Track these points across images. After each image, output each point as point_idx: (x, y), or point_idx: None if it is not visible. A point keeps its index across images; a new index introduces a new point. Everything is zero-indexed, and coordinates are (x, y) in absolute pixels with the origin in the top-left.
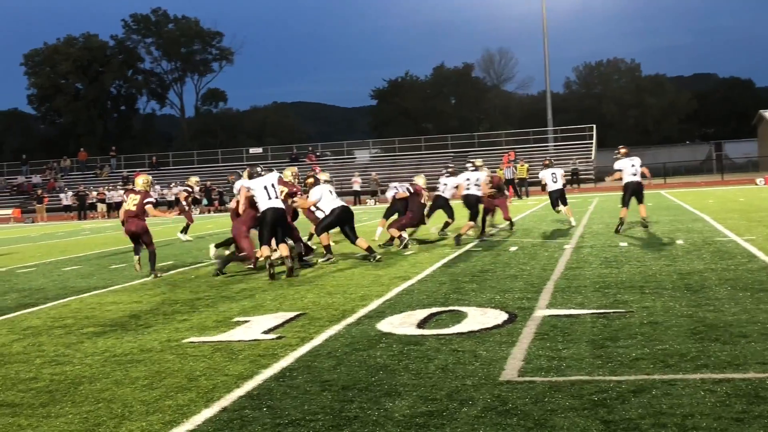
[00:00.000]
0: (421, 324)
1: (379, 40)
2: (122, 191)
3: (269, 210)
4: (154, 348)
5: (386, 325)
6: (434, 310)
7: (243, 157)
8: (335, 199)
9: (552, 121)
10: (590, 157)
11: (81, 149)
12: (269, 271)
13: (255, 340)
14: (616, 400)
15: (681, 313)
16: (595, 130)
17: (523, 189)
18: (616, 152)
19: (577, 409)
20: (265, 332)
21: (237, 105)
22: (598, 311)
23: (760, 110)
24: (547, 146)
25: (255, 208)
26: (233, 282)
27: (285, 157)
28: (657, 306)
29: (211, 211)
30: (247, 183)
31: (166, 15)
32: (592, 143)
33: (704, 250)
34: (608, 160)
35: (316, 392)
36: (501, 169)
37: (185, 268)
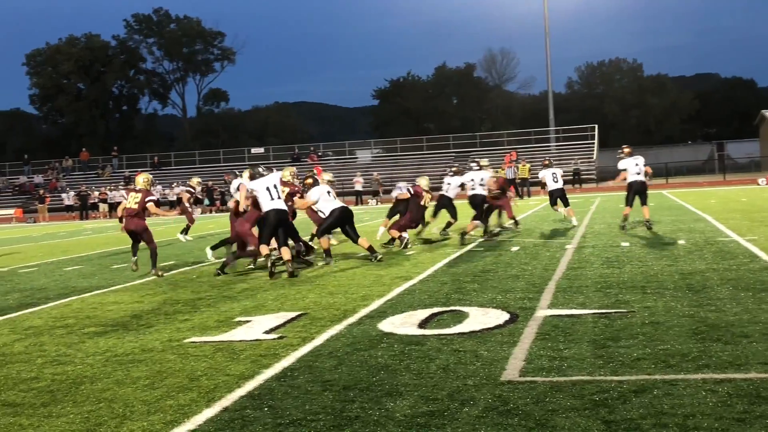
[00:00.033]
0: (423, 324)
1: (380, 40)
2: (123, 191)
3: (272, 211)
4: (156, 348)
5: (387, 325)
6: (436, 310)
7: (245, 157)
8: (334, 200)
9: (554, 121)
10: (592, 158)
11: (83, 149)
12: (270, 269)
13: (256, 339)
14: (618, 400)
15: (682, 313)
16: (596, 130)
17: (525, 189)
18: (619, 152)
19: (578, 409)
20: (267, 332)
21: (239, 105)
22: (599, 311)
23: (762, 110)
24: (548, 146)
25: (258, 209)
26: (235, 282)
27: (287, 157)
28: (658, 306)
29: (213, 211)
30: (247, 183)
31: (167, 15)
32: (593, 143)
33: (706, 250)
34: (610, 161)
35: (317, 392)
36: (503, 169)
37: (187, 267)
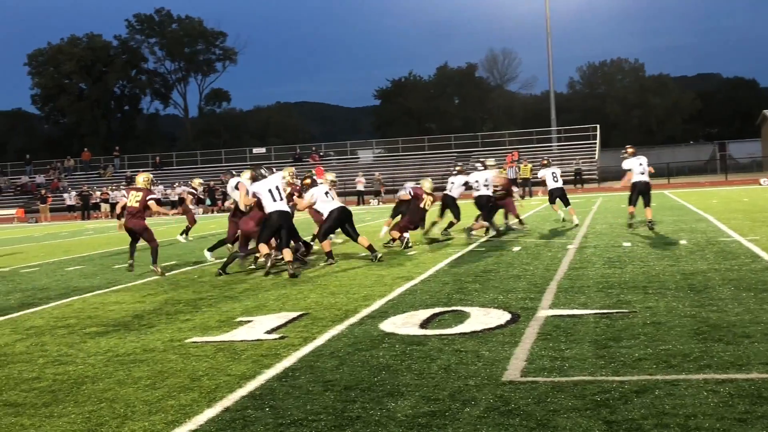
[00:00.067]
0: (424, 324)
1: (382, 40)
2: (124, 191)
3: (275, 213)
4: (157, 348)
5: (389, 325)
6: (437, 310)
7: (246, 157)
8: (332, 200)
9: (555, 121)
10: (594, 158)
11: (84, 149)
12: (267, 270)
13: (258, 340)
14: (619, 400)
15: (684, 313)
16: (598, 130)
17: (527, 189)
18: (623, 152)
19: (579, 409)
20: (268, 332)
21: (240, 105)
22: (601, 311)
23: (764, 110)
24: (550, 146)
25: (261, 209)
26: (236, 282)
27: (288, 157)
28: (660, 306)
29: (214, 211)
30: (248, 184)
31: (169, 15)
32: (595, 143)
33: (708, 250)
34: (612, 161)
35: (318, 392)
36: (504, 169)
37: (188, 267)
